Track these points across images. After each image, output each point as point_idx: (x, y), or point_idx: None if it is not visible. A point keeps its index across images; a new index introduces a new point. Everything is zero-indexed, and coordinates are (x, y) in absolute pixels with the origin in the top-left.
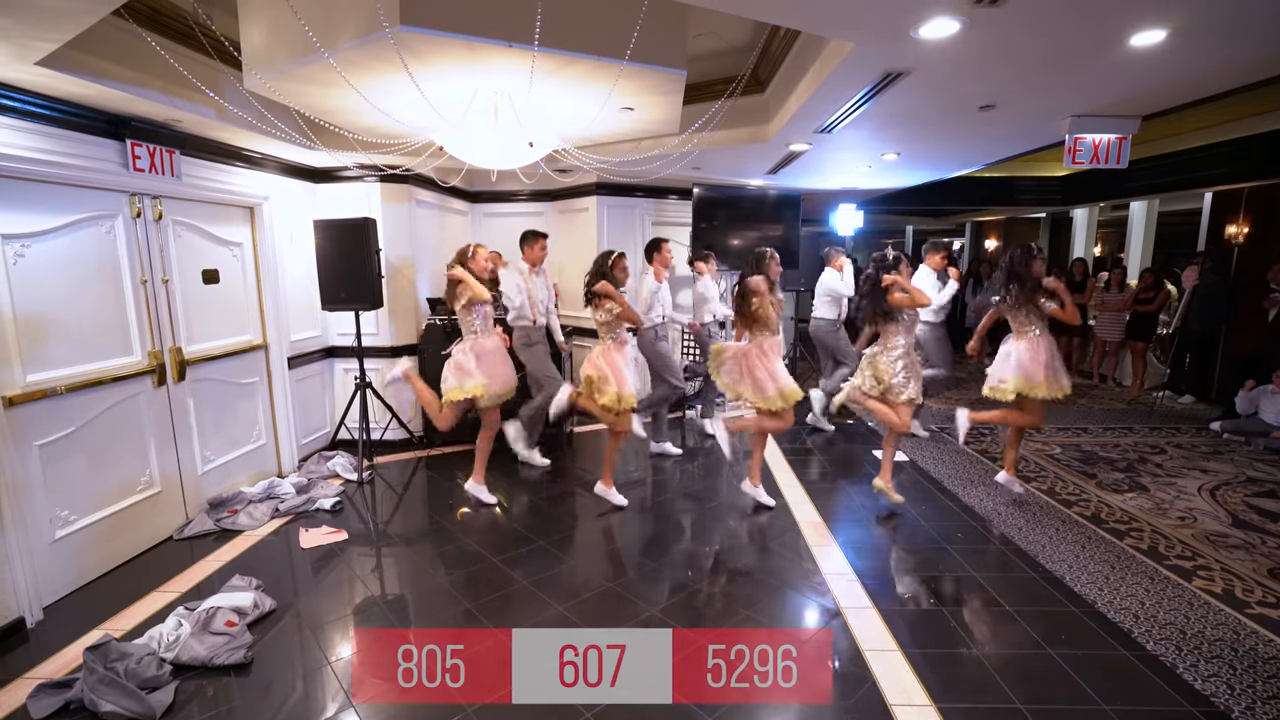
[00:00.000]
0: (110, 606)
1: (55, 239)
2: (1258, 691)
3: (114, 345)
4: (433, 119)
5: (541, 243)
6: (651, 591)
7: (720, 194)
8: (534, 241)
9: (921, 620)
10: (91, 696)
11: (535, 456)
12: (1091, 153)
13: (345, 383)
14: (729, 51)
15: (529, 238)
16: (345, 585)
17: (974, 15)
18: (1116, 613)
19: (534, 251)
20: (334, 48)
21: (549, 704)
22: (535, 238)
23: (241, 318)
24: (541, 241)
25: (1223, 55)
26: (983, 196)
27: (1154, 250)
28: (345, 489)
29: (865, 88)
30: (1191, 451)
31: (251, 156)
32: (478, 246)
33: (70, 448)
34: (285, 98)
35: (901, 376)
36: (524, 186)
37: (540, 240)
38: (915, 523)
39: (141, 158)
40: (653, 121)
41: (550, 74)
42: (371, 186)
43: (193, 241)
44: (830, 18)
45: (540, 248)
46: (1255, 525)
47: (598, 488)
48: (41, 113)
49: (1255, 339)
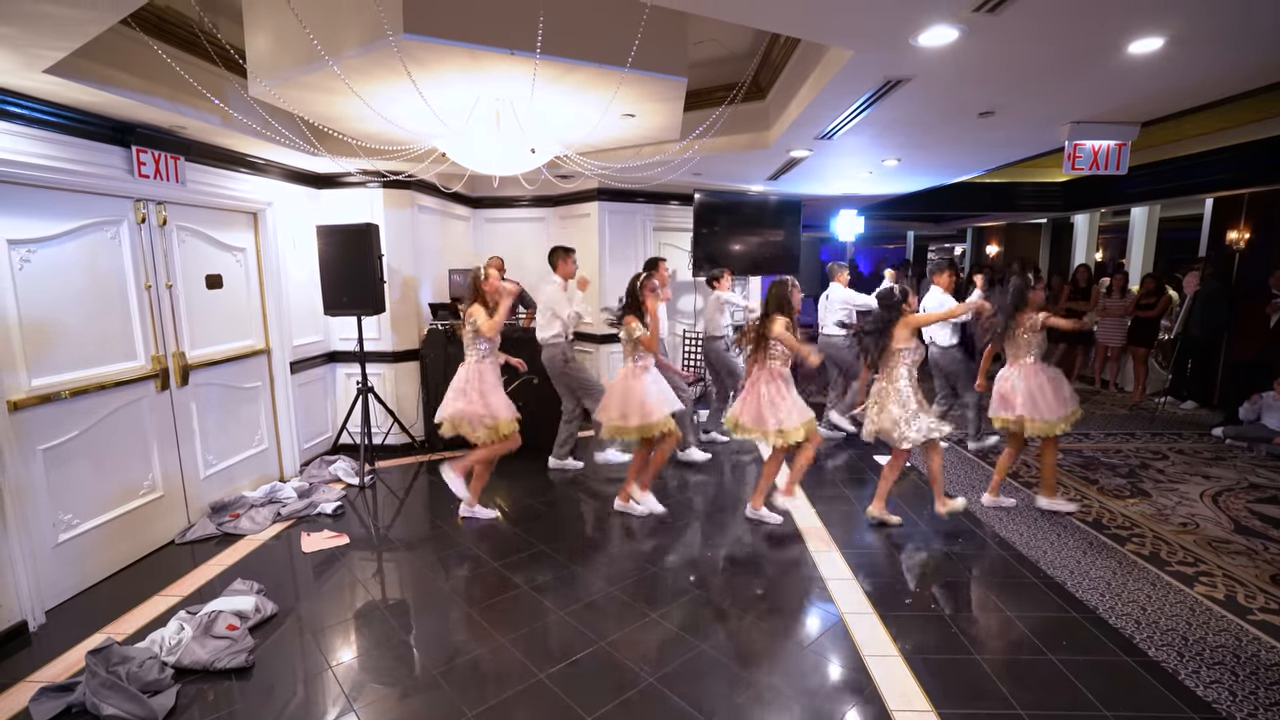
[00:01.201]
0: (112, 610)
1: (61, 244)
2: (1260, 698)
3: (118, 350)
4: (435, 125)
5: (573, 257)
6: (653, 596)
7: (721, 199)
8: (566, 257)
9: (922, 625)
10: (94, 700)
11: (612, 455)
12: (1091, 159)
13: (347, 387)
14: (730, 58)
15: (561, 253)
16: (346, 589)
17: (973, 23)
18: (1118, 618)
19: (567, 266)
20: (338, 55)
21: (551, 708)
22: (566, 253)
23: (244, 323)
24: (573, 256)
25: (1222, 62)
26: (984, 202)
27: (1155, 256)
28: (347, 493)
29: (865, 95)
30: (1194, 457)
31: (255, 162)
32: (489, 269)
33: (73, 452)
34: (289, 104)
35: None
36: (526, 192)
37: (572, 255)
38: (916, 528)
39: (147, 164)
40: (654, 128)
41: (552, 81)
42: (374, 192)
43: (197, 247)
44: (830, 26)
45: (573, 262)
46: (1258, 531)
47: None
48: (49, 119)
49: (1257, 344)
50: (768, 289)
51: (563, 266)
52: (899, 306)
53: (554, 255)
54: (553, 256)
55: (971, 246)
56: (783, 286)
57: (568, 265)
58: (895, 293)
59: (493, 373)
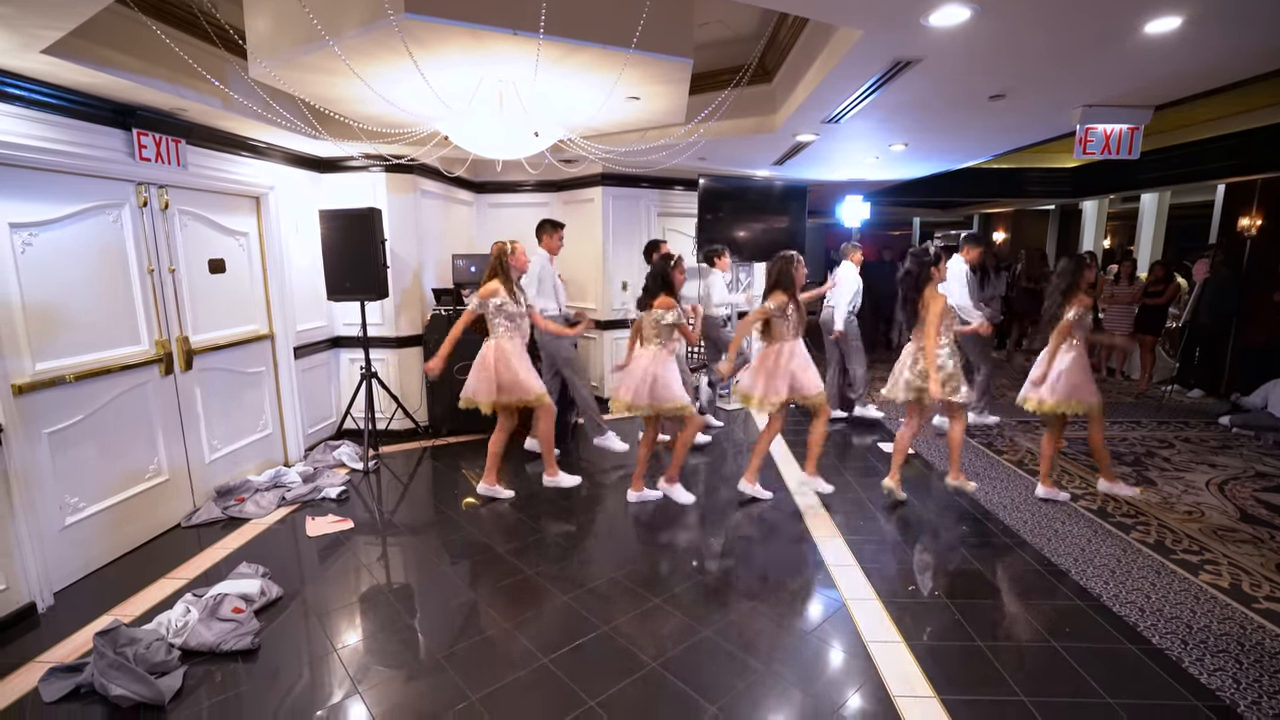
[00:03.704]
0: (119, 592)
1: (62, 228)
2: (1264, 686)
3: (121, 334)
4: (438, 108)
5: (560, 233)
6: (656, 581)
7: (726, 185)
8: (554, 231)
9: (925, 611)
10: (102, 680)
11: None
12: (1103, 143)
13: (351, 373)
14: (736, 40)
15: (548, 227)
16: (351, 573)
17: (985, 3)
18: (1122, 606)
19: (553, 241)
20: (339, 35)
21: (554, 692)
22: (555, 227)
23: (248, 307)
24: (560, 231)
25: (1239, 43)
26: (991, 188)
27: (1165, 243)
28: (351, 478)
29: (874, 77)
30: (1200, 446)
31: (257, 146)
32: (515, 244)
33: (79, 435)
34: (290, 86)
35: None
36: (529, 177)
37: (559, 230)
38: (920, 514)
39: (148, 147)
40: (658, 111)
41: (555, 62)
42: (377, 176)
43: (199, 231)
44: (839, 5)
45: (559, 238)
46: (1264, 520)
47: (660, 483)
48: (48, 101)
49: (1266, 332)
50: (769, 265)
51: (548, 240)
52: (929, 266)
53: (541, 229)
54: (540, 230)
55: (978, 233)
56: (784, 262)
57: (553, 240)
58: (929, 251)
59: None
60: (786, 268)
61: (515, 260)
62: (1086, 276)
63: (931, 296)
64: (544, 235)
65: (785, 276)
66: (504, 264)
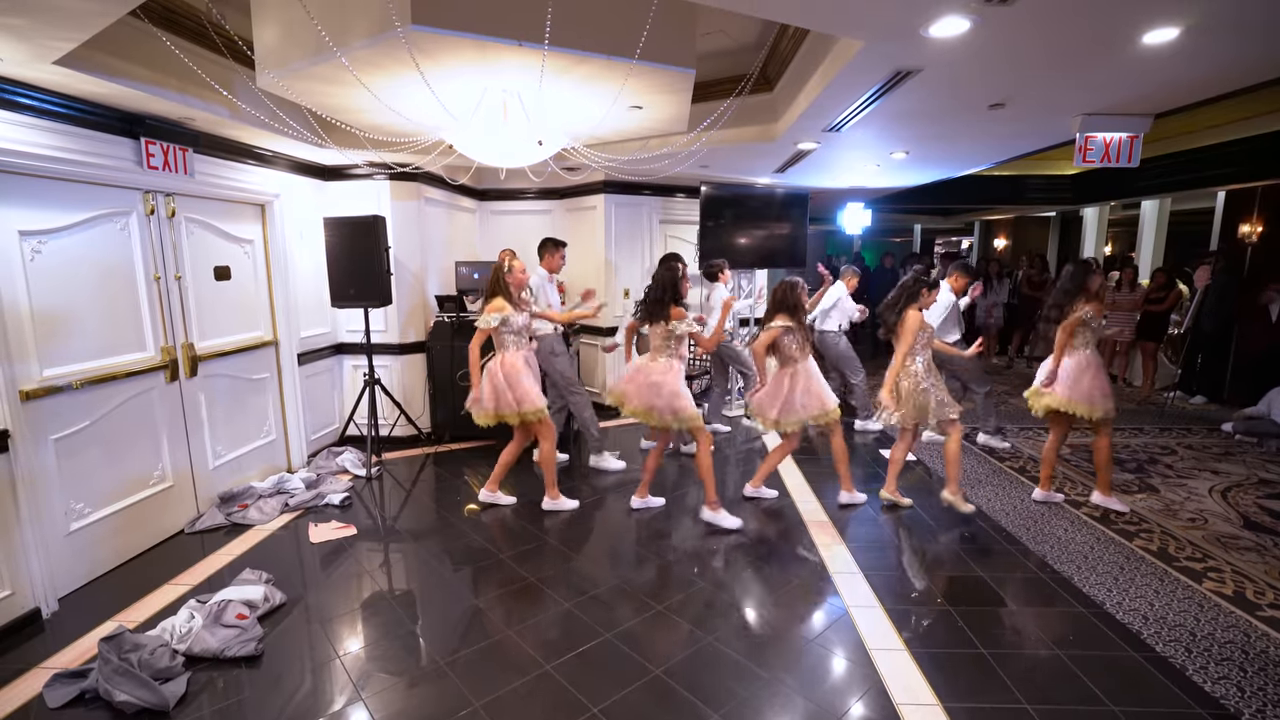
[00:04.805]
0: (124, 598)
1: (71, 235)
2: (1269, 694)
3: (128, 341)
4: (443, 117)
5: (562, 252)
6: (658, 588)
7: (728, 192)
8: (555, 250)
9: (928, 619)
10: (106, 686)
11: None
12: (1102, 151)
13: (354, 379)
14: (737, 50)
15: (550, 246)
16: (354, 580)
17: (984, 14)
18: (1125, 614)
19: (554, 260)
20: (346, 47)
21: (557, 698)
22: (556, 246)
23: (252, 314)
24: (562, 251)
25: (1238, 53)
26: (992, 195)
27: (1166, 249)
28: (354, 485)
29: (874, 86)
30: (1203, 452)
31: (263, 154)
32: (511, 260)
33: (85, 442)
34: (297, 96)
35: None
36: (532, 184)
37: (561, 249)
38: (922, 522)
39: (155, 155)
40: (661, 120)
41: (560, 73)
42: (381, 184)
43: (205, 238)
44: (840, 16)
45: (561, 257)
46: (1267, 527)
47: (705, 513)
48: (59, 111)
49: (1264, 339)
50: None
51: (549, 259)
52: (924, 287)
53: (543, 247)
54: (541, 248)
55: (979, 240)
56: (786, 289)
57: (554, 259)
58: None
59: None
60: (790, 293)
61: (513, 279)
62: (1093, 281)
63: (911, 314)
64: (545, 254)
65: (788, 301)
66: (503, 282)
